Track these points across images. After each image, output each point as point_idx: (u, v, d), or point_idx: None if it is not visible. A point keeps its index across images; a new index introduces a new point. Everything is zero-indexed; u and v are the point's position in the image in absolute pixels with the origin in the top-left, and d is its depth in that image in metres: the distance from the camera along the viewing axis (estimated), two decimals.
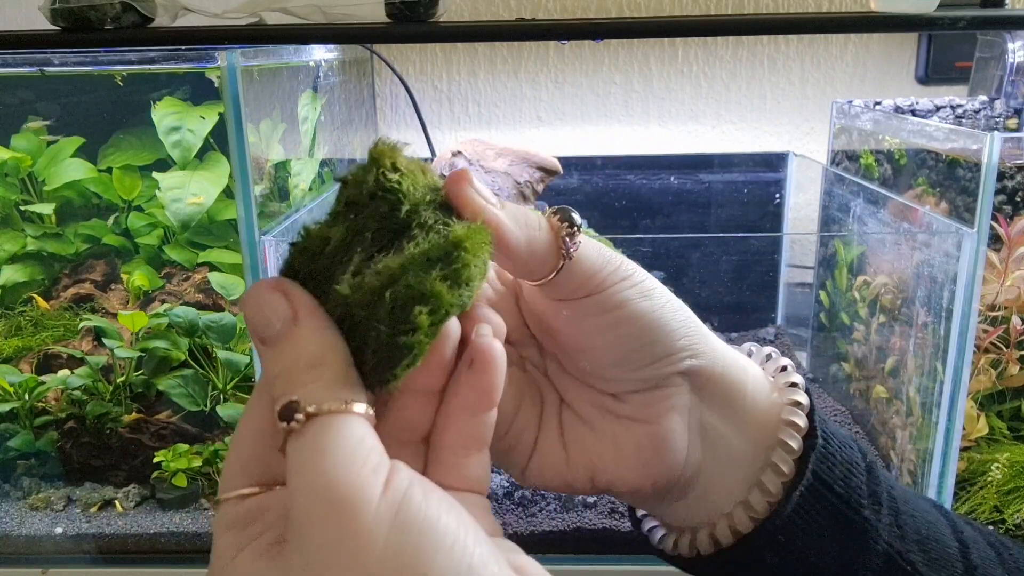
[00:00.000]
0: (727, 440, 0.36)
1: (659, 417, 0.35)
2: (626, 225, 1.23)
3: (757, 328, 1.23)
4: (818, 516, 0.35)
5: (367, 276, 0.28)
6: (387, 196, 0.29)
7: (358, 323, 0.28)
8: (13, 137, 0.92)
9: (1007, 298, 0.79)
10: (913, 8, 0.73)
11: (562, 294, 0.34)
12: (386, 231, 0.29)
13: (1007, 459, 0.81)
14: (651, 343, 0.34)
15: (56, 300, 0.94)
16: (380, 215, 0.29)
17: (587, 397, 0.37)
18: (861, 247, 0.99)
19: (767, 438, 0.36)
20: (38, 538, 0.83)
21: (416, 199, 0.30)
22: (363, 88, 1.21)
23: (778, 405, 0.37)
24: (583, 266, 0.33)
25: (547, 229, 0.32)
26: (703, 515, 0.37)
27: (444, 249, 0.28)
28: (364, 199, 0.29)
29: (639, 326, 0.34)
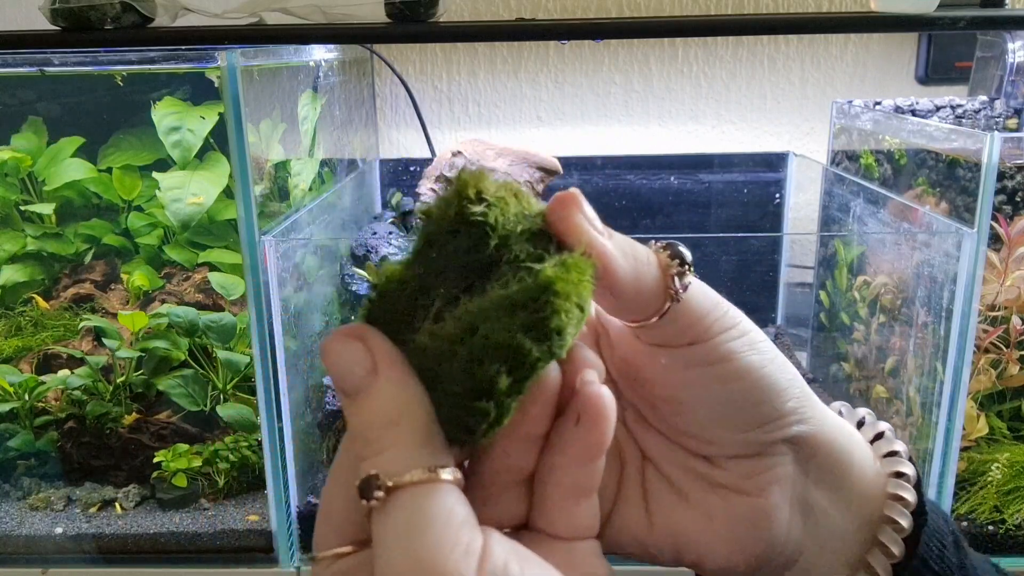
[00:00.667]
0: (831, 518, 0.32)
1: (760, 489, 0.31)
2: (626, 225, 1.22)
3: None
4: None
5: (447, 323, 0.25)
6: (471, 230, 0.26)
7: (437, 378, 0.25)
8: (13, 137, 0.92)
9: (1007, 298, 0.79)
10: (913, 8, 0.73)
11: (662, 339, 0.30)
12: (471, 269, 0.26)
13: (1007, 459, 0.80)
14: (758, 403, 0.31)
15: (56, 300, 0.94)
16: (464, 251, 0.26)
17: (676, 458, 0.33)
18: (861, 247, 0.99)
19: (873, 514, 0.33)
20: (38, 538, 0.83)
21: (507, 230, 0.26)
22: (363, 88, 1.21)
23: (882, 476, 0.33)
24: (691, 309, 0.29)
25: (655, 264, 0.29)
26: None
27: (531, 293, 0.25)
28: (445, 234, 0.26)
29: (747, 383, 0.30)
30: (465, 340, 0.25)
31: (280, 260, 0.79)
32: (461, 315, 0.25)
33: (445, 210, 0.26)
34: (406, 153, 1.30)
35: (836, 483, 0.32)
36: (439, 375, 0.25)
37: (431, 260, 0.26)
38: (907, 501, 0.32)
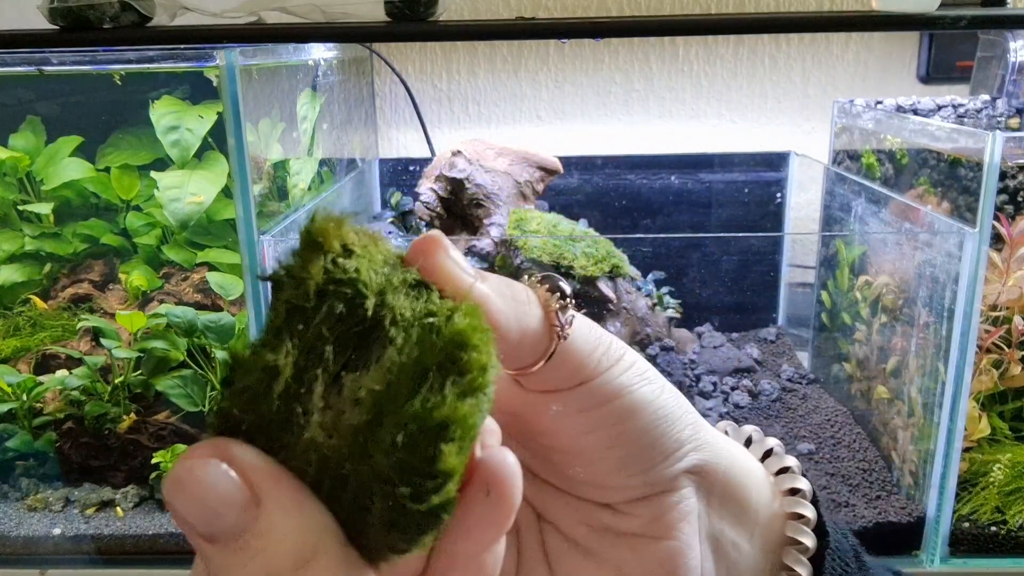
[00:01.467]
0: (740, 548, 0.31)
1: (669, 529, 0.29)
2: (626, 225, 1.23)
3: (758, 328, 1.23)
4: None
5: (345, 411, 0.20)
6: (342, 290, 0.21)
7: (347, 482, 0.20)
8: (11, 136, 0.92)
9: (1009, 298, 0.79)
10: (914, 7, 0.72)
11: (549, 384, 0.27)
12: (349, 339, 0.21)
13: (1009, 460, 0.80)
14: (657, 437, 0.28)
15: (54, 300, 0.93)
16: (337, 318, 0.21)
17: (575, 514, 0.30)
18: (862, 247, 0.98)
19: (775, 537, 0.31)
20: (36, 539, 0.82)
21: (380, 284, 0.22)
22: (362, 87, 1.20)
23: (779, 496, 0.32)
24: (577, 347, 0.26)
25: (536, 303, 0.26)
26: None
27: (445, 352, 0.21)
28: (312, 300, 0.21)
29: (643, 417, 0.28)
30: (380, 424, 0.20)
31: (279, 260, 0.78)
32: (364, 397, 0.20)
33: (307, 271, 0.21)
34: (406, 153, 1.30)
35: (738, 511, 0.30)
36: (347, 480, 0.20)
37: (298, 335, 0.21)
38: (807, 518, 0.31)
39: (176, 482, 0.19)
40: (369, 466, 0.20)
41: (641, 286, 1.10)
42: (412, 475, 0.20)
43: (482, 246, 1.03)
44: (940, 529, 0.79)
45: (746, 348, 1.14)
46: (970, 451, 0.81)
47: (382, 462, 0.20)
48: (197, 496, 0.19)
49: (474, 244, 1.03)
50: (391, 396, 0.20)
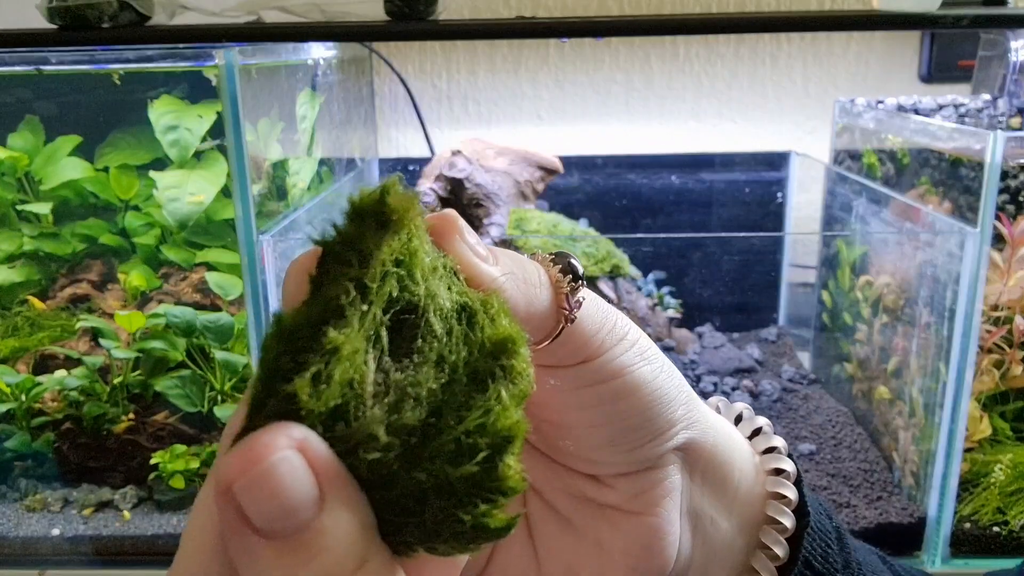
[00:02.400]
0: (718, 525, 0.31)
1: (652, 506, 0.29)
2: (627, 225, 1.22)
3: (759, 328, 1.22)
4: None
5: (400, 407, 0.19)
6: (400, 272, 0.20)
7: (395, 481, 0.19)
8: (10, 136, 0.92)
9: (1010, 298, 0.79)
10: (916, 6, 0.72)
11: (551, 360, 0.27)
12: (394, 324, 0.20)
13: (1010, 460, 0.80)
14: (651, 417, 0.28)
15: (53, 300, 0.93)
16: (390, 301, 0.20)
17: (560, 482, 0.30)
18: (864, 247, 0.98)
19: (755, 515, 0.31)
20: (35, 540, 0.82)
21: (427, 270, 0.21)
22: (362, 87, 1.20)
23: (762, 474, 0.32)
24: (584, 327, 0.26)
25: (547, 285, 0.26)
26: None
27: (494, 354, 0.20)
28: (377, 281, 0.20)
29: (639, 397, 0.28)
30: (440, 429, 0.19)
31: (278, 260, 0.78)
32: (418, 394, 0.19)
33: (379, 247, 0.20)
34: (405, 152, 1.29)
35: (720, 488, 0.31)
36: (395, 479, 0.19)
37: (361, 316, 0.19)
38: (788, 499, 0.31)
39: (251, 478, 0.17)
40: (427, 472, 0.19)
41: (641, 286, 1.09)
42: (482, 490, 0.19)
43: None
44: (941, 530, 0.79)
45: (747, 348, 1.14)
46: (971, 452, 0.81)
47: (446, 471, 0.19)
48: (273, 493, 0.17)
49: None
50: (448, 398, 0.20)
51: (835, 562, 0.32)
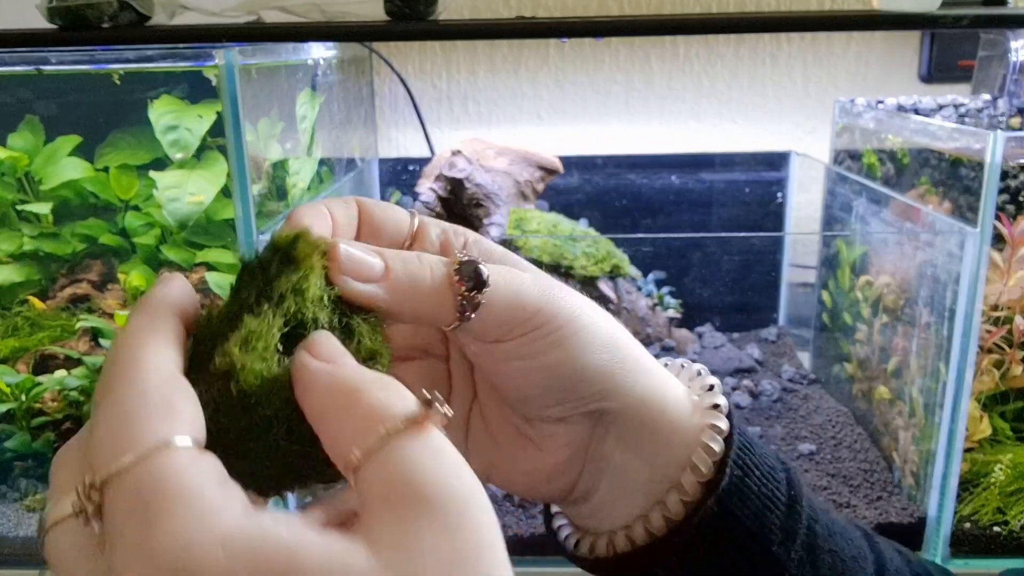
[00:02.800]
0: (626, 469, 0.35)
1: (555, 450, 0.35)
2: (627, 225, 1.22)
3: (759, 328, 1.22)
4: (722, 545, 0.34)
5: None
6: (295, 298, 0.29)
7: None
8: (10, 136, 0.92)
9: (1010, 298, 0.79)
10: (916, 6, 0.72)
11: (465, 337, 0.33)
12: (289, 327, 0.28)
13: (1010, 460, 0.80)
14: (558, 390, 0.33)
15: (53, 300, 0.93)
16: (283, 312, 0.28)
17: (497, 406, 0.37)
18: (864, 247, 0.98)
19: (679, 461, 0.35)
20: (35, 540, 0.82)
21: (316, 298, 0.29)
22: (362, 87, 1.20)
23: (697, 428, 0.35)
24: (487, 320, 0.31)
25: (439, 291, 0.31)
26: (604, 525, 0.37)
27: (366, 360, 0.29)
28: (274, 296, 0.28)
29: (543, 375, 0.33)
30: None
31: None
32: None
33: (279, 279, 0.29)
34: (405, 152, 1.29)
35: (636, 441, 0.35)
36: None
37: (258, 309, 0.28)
38: (714, 451, 0.35)
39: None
40: None
41: (641, 286, 1.09)
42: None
43: None
44: (941, 530, 0.79)
45: (747, 348, 1.14)
46: (971, 452, 0.81)
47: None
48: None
49: None
50: None
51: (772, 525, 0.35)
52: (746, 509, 0.34)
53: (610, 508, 0.36)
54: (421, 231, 0.35)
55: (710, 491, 0.34)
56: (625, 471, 0.35)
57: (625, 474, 0.35)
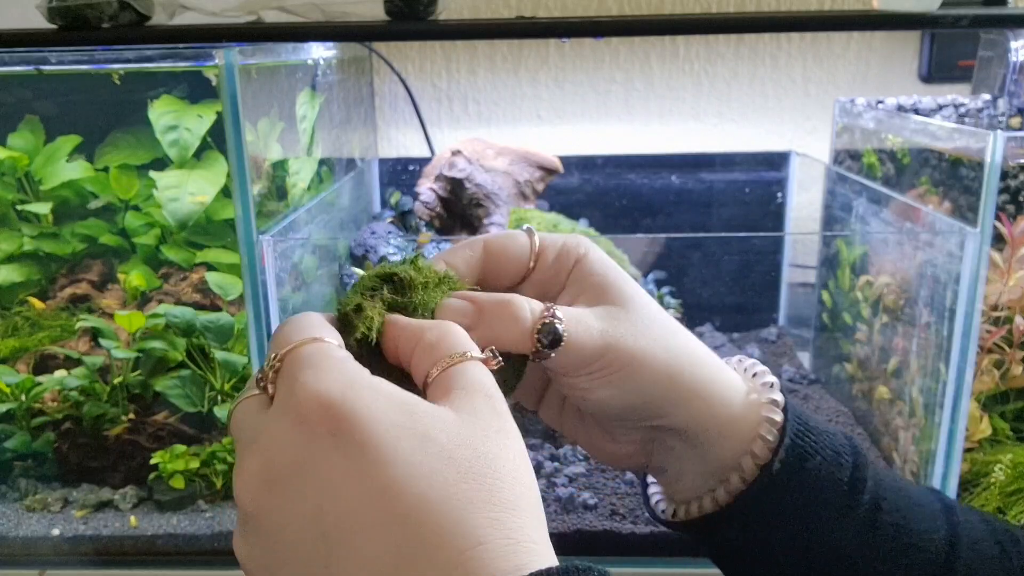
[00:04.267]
0: (684, 458, 0.43)
1: (626, 442, 0.44)
2: (627, 225, 1.22)
3: (759, 328, 1.22)
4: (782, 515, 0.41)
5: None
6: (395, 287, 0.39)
7: None
8: (10, 136, 0.92)
9: (1010, 298, 0.79)
10: (916, 6, 0.72)
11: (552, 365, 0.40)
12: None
13: (1010, 460, 0.80)
14: (615, 415, 0.41)
15: (53, 300, 0.93)
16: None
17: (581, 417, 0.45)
18: (864, 247, 0.98)
19: (735, 452, 0.42)
20: (35, 540, 0.82)
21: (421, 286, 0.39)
22: (362, 86, 1.20)
23: (754, 423, 0.42)
24: (554, 361, 0.39)
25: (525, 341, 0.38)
26: (680, 496, 0.45)
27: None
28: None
29: (601, 404, 0.41)
30: None
31: (278, 260, 0.78)
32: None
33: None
34: (405, 152, 1.29)
35: (693, 442, 0.42)
36: None
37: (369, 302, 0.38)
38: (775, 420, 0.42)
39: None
40: None
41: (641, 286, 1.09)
42: None
43: None
44: None
45: (747, 348, 1.14)
46: (971, 452, 0.81)
47: None
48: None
49: None
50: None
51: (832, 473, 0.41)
52: (803, 486, 0.41)
53: (677, 484, 0.44)
54: (541, 250, 0.42)
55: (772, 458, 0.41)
56: (684, 459, 0.43)
57: (684, 461, 0.43)
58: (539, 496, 0.31)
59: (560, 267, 0.42)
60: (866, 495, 0.41)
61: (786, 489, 0.41)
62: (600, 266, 0.41)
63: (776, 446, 0.41)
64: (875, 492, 0.42)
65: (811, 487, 0.41)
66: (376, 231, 1.07)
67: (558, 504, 0.82)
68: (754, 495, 0.41)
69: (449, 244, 1.03)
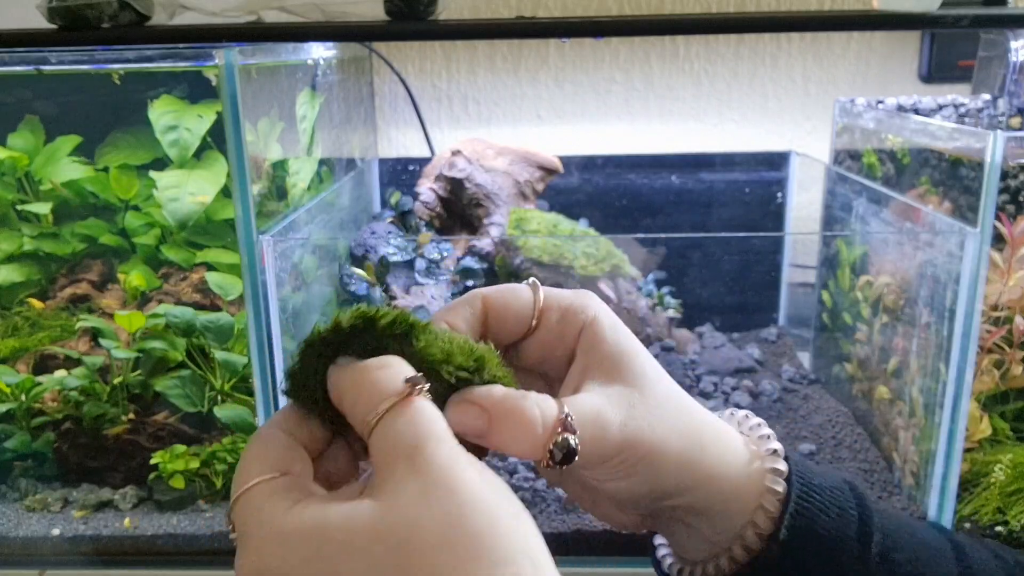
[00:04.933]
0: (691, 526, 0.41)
1: (631, 513, 0.42)
2: (627, 225, 1.22)
3: (759, 328, 1.22)
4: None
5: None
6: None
7: None
8: (10, 136, 0.92)
9: (1010, 298, 0.79)
10: (916, 6, 0.72)
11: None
12: None
13: (1010, 460, 0.80)
14: (629, 500, 0.40)
15: (53, 300, 0.93)
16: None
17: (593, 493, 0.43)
18: (864, 247, 0.98)
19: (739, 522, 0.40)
20: (35, 540, 0.82)
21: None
22: (362, 86, 1.20)
23: (759, 474, 0.41)
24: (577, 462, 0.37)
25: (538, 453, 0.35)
26: (691, 554, 0.43)
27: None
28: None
29: (618, 495, 0.40)
30: None
31: (278, 260, 0.78)
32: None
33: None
34: (405, 152, 1.29)
35: (699, 514, 0.41)
36: None
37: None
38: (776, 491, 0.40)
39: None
40: None
41: (641, 286, 1.09)
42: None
43: (482, 246, 1.03)
44: None
45: (747, 348, 1.14)
46: (971, 452, 0.81)
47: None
48: None
49: (474, 244, 1.03)
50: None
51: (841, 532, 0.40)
52: (810, 550, 0.40)
53: (684, 549, 0.43)
54: (545, 308, 0.40)
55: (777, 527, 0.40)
56: (691, 528, 0.41)
57: (691, 530, 0.41)
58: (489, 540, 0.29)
59: (566, 330, 0.40)
60: (875, 547, 0.41)
61: (795, 553, 0.40)
62: (612, 335, 0.39)
63: (779, 515, 0.40)
64: (883, 542, 0.41)
65: (821, 549, 0.40)
66: (376, 231, 1.07)
67: (558, 504, 0.82)
68: (763, 563, 0.40)
69: (449, 244, 1.03)
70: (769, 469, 0.41)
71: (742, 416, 0.44)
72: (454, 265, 1.02)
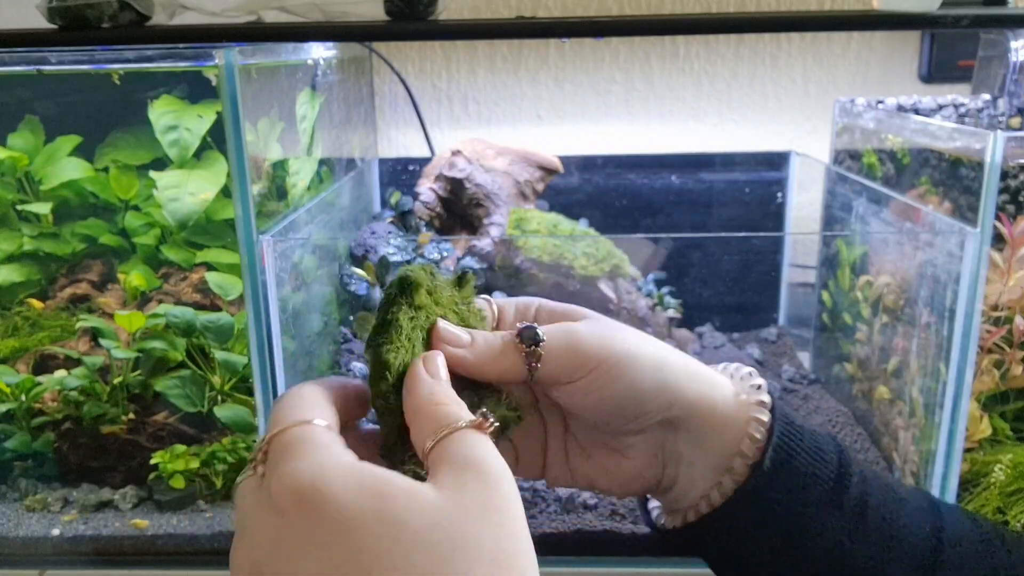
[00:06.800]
0: (694, 461, 0.45)
1: (638, 455, 0.45)
2: (627, 225, 1.22)
3: (759, 328, 1.22)
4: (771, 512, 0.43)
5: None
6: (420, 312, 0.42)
7: None
8: (10, 136, 0.92)
9: (1010, 298, 0.79)
10: (916, 6, 0.72)
11: (546, 386, 0.43)
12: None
13: (1010, 460, 0.80)
14: (628, 410, 0.43)
15: (53, 300, 0.93)
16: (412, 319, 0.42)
17: (585, 430, 0.47)
18: (864, 247, 0.98)
19: (731, 448, 0.44)
20: (35, 540, 0.82)
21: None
22: (362, 86, 1.20)
23: (744, 420, 0.44)
24: (550, 369, 0.42)
25: (512, 352, 0.42)
26: (682, 504, 0.46)
27: None
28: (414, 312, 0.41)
29: (613, 403, 0.42)
30: None
31: (278, 260, 0.78)
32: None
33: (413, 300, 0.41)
34: (405, 152, 1.29)
35: (700, 439, 0.44)
36: None
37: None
38: (762, 420, 0.44)
39: None
40: None
41: (641, 286, 1.09)
42: None
43: (482, 246, 1.03)
44: None
45: (747, 348, 1.14)
46: (971, 452, 0.81)
47: None
48: None
49: (474, 244, 1.03)
50: None
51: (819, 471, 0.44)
52: (790, 483, 0.43)
53: (687, 492, 0.45)
54: (501, 314, 0.46)
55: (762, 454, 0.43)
56: (694, 462, 0.45)
57: (694, 464, 0.45)
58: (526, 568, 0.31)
59: (526, 317, 0.45)
60: (853, 490, 0.44)
61: (775, 486, 0.43)
62: (560, 304, 0.45)
63: (764, 445, 0.43)
64: (862, 487, 0.44)
65: (798, 483, 0.43)
66: (376, 231, 1.07)
67: (558, 504, 0.82)
68: (745, 493, 0.43)
69: (449, 244, 1.03)
70: (755, 401, 0.44)
71: (732, 366, 0.48)
72: (454, 265, 1.02)
